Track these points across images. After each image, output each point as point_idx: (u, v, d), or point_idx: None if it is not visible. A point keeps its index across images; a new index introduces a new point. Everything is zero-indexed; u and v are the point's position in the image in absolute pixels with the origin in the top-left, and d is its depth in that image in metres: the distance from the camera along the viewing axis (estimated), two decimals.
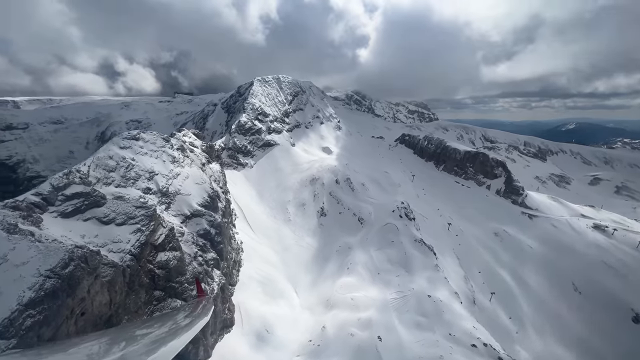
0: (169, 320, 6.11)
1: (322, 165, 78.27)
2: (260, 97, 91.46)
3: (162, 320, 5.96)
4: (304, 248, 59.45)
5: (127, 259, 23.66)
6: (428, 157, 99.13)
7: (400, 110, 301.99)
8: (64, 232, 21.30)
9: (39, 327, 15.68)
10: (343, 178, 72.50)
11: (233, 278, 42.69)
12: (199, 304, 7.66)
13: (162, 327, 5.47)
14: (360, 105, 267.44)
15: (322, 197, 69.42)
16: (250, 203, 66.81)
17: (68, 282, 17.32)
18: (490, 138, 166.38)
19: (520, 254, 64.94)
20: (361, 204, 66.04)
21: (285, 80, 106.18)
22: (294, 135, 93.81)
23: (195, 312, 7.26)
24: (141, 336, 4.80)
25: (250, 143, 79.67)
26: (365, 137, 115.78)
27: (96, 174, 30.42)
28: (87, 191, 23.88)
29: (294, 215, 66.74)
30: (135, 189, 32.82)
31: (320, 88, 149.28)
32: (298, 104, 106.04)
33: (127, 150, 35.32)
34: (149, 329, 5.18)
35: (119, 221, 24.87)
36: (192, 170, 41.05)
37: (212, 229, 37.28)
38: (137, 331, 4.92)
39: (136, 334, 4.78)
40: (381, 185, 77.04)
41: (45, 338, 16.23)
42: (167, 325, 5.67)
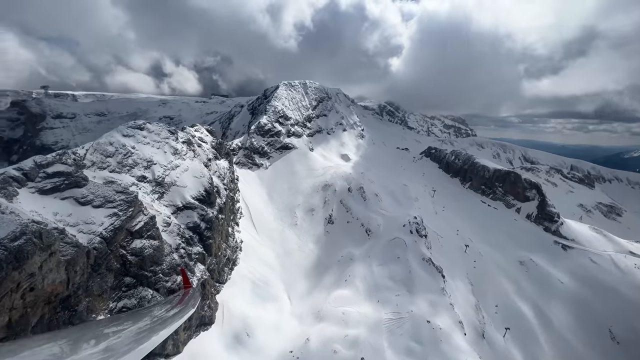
0: (143, 317, 5.64)
1: (336, 171, 76.48)
2: (284, 100, 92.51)
3: (133, 318, 5.42)
4: (306, 254, 57.71)
5: (95, 241, 23.76)
6: (454, 173, 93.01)
7: (436, 124, 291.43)
8: (36, 208, 21.86)
9: None
10: (356, 186, 70.04)
11: (223, 276, 42.14)
12: (185, 295, 7.47)
13: (136, 324, 5.00)
14: (393, 117, 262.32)
15: (332, 204, 67.44)
16: (259, 203, 66.76)
17: (15, 255, 17.39)
18: (531, 159, 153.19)
19: (548, 288, 57.46)
20: (371, 214, 63.02)
21: (311, 86, 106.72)
22: (313, 140, 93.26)
23: (181, 303, 7.03)
24: (113, 333, 4.43)
25: (267, 144, 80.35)
26: (390, 147, 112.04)
27: (93, 157, 31.60)
28: (68, 171, 24.58)
29: (301, 220, 65.43)
30: (130, 176, 33.65)
31: (352, 97, 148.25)
32: (322, 109, 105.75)
33: (130, 139, 36.58)
34: (119, 326, 4.76)
35: (97, 203, 25.21)
36: (193, 163, 41.59)
37: (202, 222, 37.15)
38: (105, 329, 4.51)
39: (105, 332, 4.39)
40: (396, 198, 73.24)
41: None
42: (141, 321, 5.21)
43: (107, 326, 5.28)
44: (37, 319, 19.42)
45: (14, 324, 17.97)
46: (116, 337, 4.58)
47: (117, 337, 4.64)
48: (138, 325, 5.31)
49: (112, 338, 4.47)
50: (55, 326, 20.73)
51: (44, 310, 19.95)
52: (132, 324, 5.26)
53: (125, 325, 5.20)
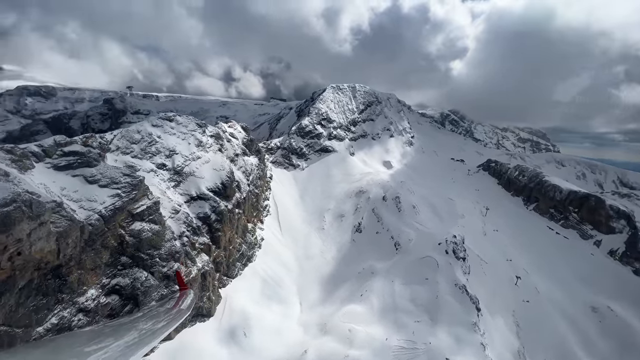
0: (127, 332, 5.15)
1: (373, 178, 72.17)
2: (329, 103, 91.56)
3: (116, 335, 4.96)
4: (327, 261, 55.03)
5: (93, 218, 25.08)
6: (516, 191, 79.93)
7: (508, 136, 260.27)
8: (46, 181, 23.99)
9: None
10: (392, 195, 64.84)
11: (234, 270, 42.16)
12: (179, 299, 7.30)
13: (118, 340, 4.66)
14: (457, 126, 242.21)
15: (364, 212, 63.51)
16: (289, 204, 66.40)
17: (2, 220, 18.93)
18: (631, 183, 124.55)
19: (630, 349, 44.53)
20: (403, 227, 57.36)
21: (361, 90, 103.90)
22: (356, 145, 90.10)
23: (175, 306, 6.78)
24: (95, 351, 4.14)
25: (307, 146, 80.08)
26: (442, 157, 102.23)
27: (119, 143, 34.31)
28: (82, 151, 26.74)
29: (328, 225, 63.02)
30: (150, 162, 35.73)
31: (412, 104, 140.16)
32: (370, 114, 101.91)
33: (157, 129, 39.12)
34: (100, 344, 4.42)
35: (103, 183, 26.84)
36: (215, 156, 42.76)
37: (213, 214, 37.59)
38: (85, 348, 4.20)
39: (85, 350, 4.12)
40: (437, 212, 65.67)
41: None
42: (125, 337, 4.82)
43: (87, 344, 4.65)
44: (25, 282, 20.98)
45: (0, 284, 19.58)
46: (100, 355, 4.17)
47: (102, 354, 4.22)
48: (125, 339, 4.88)
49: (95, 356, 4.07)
50: (44, 291, 22.27)
51: (32, 275, 21.51)
52: (114, 340, 4.78)
53: (108, 341, 4.70)
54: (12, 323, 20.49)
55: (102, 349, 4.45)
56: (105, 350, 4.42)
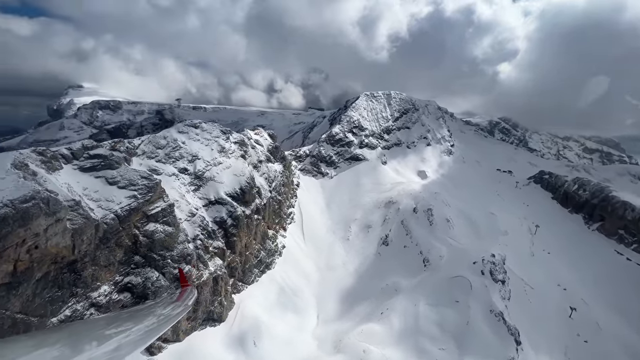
0: (145, 318, 5.62)
1: (405, 188, 68.24)
2: (362, 110, 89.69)
3: (135, 320, 5.42)
4: (349, 273, 52.58)
5: (108, 217, 26.48)
6: (575, 208, 69.45)
7: (571, 146, 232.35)
8: (70, 181, 25.97)
9: None
10: (423, 207, 60.42)
11: (250, 276, 42.03)
12: (182, 294, 7.68)
13: (137, 326, 5.10)
14: (508, 135, 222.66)
15: (392, 223, 59.99)
16: (315, 212, 65.37)
17: (21, 215, 20.59)
18: None
19: None
20: (434, 242, 52.76)
21: (396, 97, 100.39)
22: (389, 153, 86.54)
23: (178, 300, 7.24)
24: (115, 334, 4.55)
25: (336, 154, 78.86)
26: (486, 168, 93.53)
27: (145, 148, 36.45)
28: (106, 154, 28.67)
29: (354, 235, 60.59)
30: (173, 167, 37.37)
31: (458, 112, 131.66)
32: (405, 121, 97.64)
33: (183, 135, 41.04)
34: (120, 327, 4.86)
35: (122, 185, 28.39)
36: (237, 162, 43.56)
37: (229, 219, 37.98)
38: (106, 331, 4.60)
39: (106, 333, 4.50)
40: (476, 228, 59.52)
41: None
42: (143, 324, 5.27)
43: (106, 328, 4.94)
44: (41, 274, 22.55)
45: (18, 274, 21.22)
46: (120, 338, 4.50)
47: (122, 337, 4.56)
48: (145, 323, 5.28)
49: (116, 339, 4.39)
50: (60, 284, 23.78)
51: (49, 268, 23.08)
52: (133, 324, 5.13)
53: (127, 325, 5.08)
54: (29, 312, 22.02)
55: (122, 332, 4.62)
56: (127, 333, 4.61)
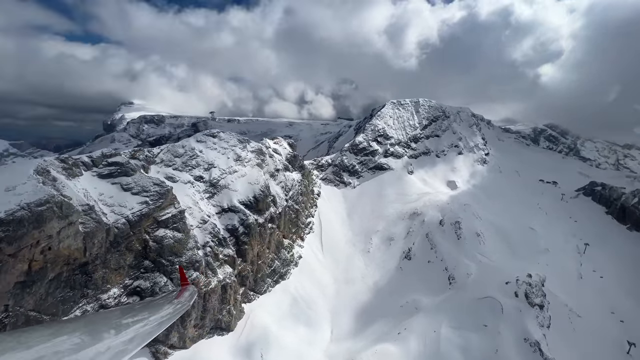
0: (162, 307, 6.07)
1: (431, 199, 64.32)
2: (387, 119, 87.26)
3: (149, 310, 5.84)
4: (368, 287, 49.99)
5: (120, 222, 27.56)
6: (635, 224, 60.25)
7: (633, 155, 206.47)
8: (88, 187, 27.55)
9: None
10: (451, 220, 56.23)
11: (262, 286, 41.53)
12: (181, 292, 7.86)
13: (151, 316, 5.47)
14: (556, 144, 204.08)
15: (416, 236, 56.51)
16: (335, 222, 63.82)
17: (36, 218, 21.99)
18: None
19: None
20: (462, 258, 48.49)
21: (425, 104, 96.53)
22: (416, 163, 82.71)
23: (176, 299, 7.35)
24: (132, 323, 4.89)
25: (360, 163, 77.05)
26: (527, 178, 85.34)
27: (164, 156, 38.04)
28: (123, 162, 30.17)
29: (375, 248, 57.93)
30: (189, 175, 38.50)
31: (496, 119, 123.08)
32: (435, 129, 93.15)
33: (201, 144, 42.36)
34: (135, 317, 5.19)
35: (135, 191, 29.58)
36: (252, 170, 43.92)
37: (241, 227, 38.03)
38: (123, 320, 4.95)
39: (123, 322, 4.82)
40: (511, 244, 53.89)
41: (7, 253, 21.05)
42: (157, 314, 5.69)
43: (122, 317, 5.15)
44: (54, 274, 23.81)
45: (33, 273, 22.55)
46: (136, 328, 4.77)
47: (137, 326, 4.83)
48: (161, 314, 5.66)
49: (133, 328, 4.65)
50: (71, 285, 24.93)
51: (62, 268, 24.32)
52: (149, 314, 5.46)
53: (143, 315, 5.36)
54: (42, 310, 23.22)
55: (140, 321, 4.78)
56: (144, 322, 4.79)
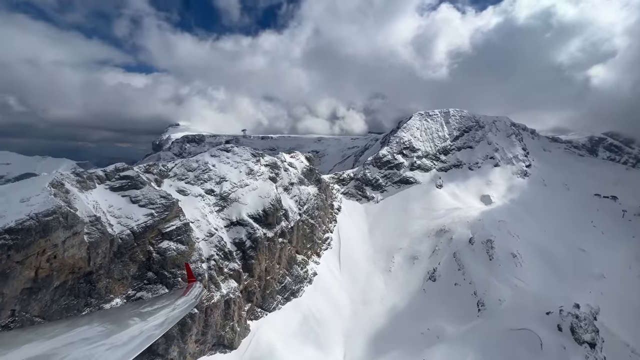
0: (173, 300, 6.65)
1: (460, 215, 59.12)
2: (414, 130, 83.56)
3: (169, 298, 6.59)
4: (386, 310, 46.27)
5: (124, 233, 28.51)
6: None
7: None
8: (98, 199, 29.10)
9: (8, 249, 22.05)
10: (482, 238, 50.83)
11: (271, 303, 40.34)
12: (188, 289, 8.26)
13: (174, 303, 6.06)
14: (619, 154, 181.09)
15: (442, 255, 51.81)
16: (355, 238, 61.14)
17: (43, 227, 23.38)
18: None
19: None
20: (495, 281, 43.03)
21: (456, 115, 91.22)
22: (446, 176, 77.42)
23: (184, 295, 7.63)
24: (155, 311, 5.45)
25: (383, 177, 74.06)
26: (577, 192, 75.10)
27: (177, 170, 39.47)
28: (133, 175, 31.61)
29: (397, 266, 54.10)
30: (200, 188, 39.40)
31: (546, 129, 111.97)
32: (467, 140, 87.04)
33: (214, 158, 43.44)
34: (153, 306, 5.80)
35: (142, 203, 30.67)
36: (264, 184, 43.88)
37: (248, 240, 37.64)
38: (142, 309, 5.60)
39: (143, 311, 5.45)
40: (555, 267, 46.85)
41: (15, 260, 22.49)
42: (179, 301, 6.31)
43: (141, 307, 5.69)
44: (60, 282, 24.92)
45: (39, 280, 23.79)
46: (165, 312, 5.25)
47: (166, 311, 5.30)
48: (180, 301, 6.15)
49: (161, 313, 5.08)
50: (76, 293, 25.92)
51: (67, 277, 25.43)
52: (169, 302, 5.98)
53: (162, 302, 5.96)
54: (46, 316, 24.25)
55: (160, 309, 4.90)
56: (170, 307, 5.03)
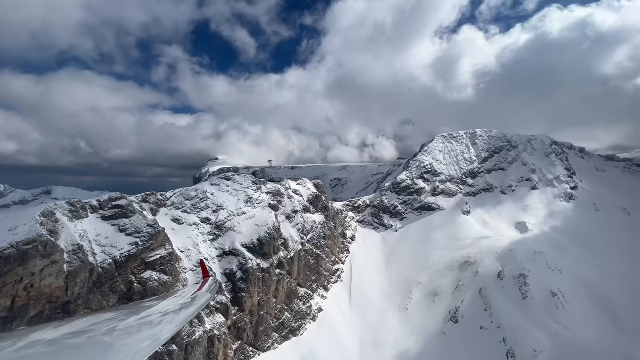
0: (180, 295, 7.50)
1: (489, 245, 52.15)
2: (436, 153, 78.50)
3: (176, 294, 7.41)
4: (399, 354, 40.46)
5: (107, 262, 28.58)
6: None
7: None
8: (88, 228, 29.88)
9: None
10: (513, 272, 43.72)
11: (265, 342, 37.36)
12: (203, 284, 8.66)
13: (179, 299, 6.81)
14: None
15: (467, 292, 45.24)
16: (370, 271, 56.34)
17: (22, 256, 24.05)
18: None
19: None
20: (529, 327, 35.75)
21: (484, 135, 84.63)
22: (474, 201, 70.25)
23: (199, 290, 8.06)
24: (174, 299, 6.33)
25: (403, 203, 69.29)
26: None
27: (175, 199, 40.04)
28: (124, 204, 32.33)
29: (415, 304, 48.16)
30: (196, 217, 39.33)
31: (601, 148, 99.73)
32: (498, 162, 79.36)
33: (214, 187, 43.67)
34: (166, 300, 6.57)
35: (129, 232, 30.94)
36: (262, 212, 42.77)
37: (239, 272, 36.05)
38: (160, 302, 6.31)
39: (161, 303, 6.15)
40: (611, 312, 37.89)
41: None
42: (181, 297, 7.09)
43: (160, 299, 6.21)
44: (36, 312, 25.00)
45: (15, 309, 24.07)
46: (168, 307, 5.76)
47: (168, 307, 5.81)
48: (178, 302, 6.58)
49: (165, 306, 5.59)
50: None
51: (44, 306, 25.49)
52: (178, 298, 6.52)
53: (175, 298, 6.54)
54: None
55: (180, 297, 5.53)
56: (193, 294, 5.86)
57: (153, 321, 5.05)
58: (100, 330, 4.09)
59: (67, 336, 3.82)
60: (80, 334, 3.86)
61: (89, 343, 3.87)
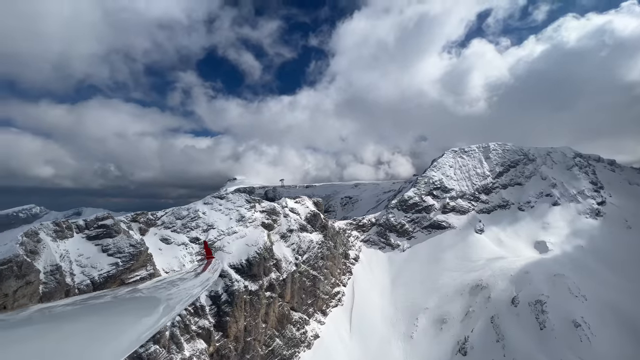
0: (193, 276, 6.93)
1: (503, 266, 47.75)
2: (446, 169, 75.07)
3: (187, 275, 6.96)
4: None
5: (84, 283, 28.24)
6: None
7: None
8: (70, 248, 29.96)
9: None
10: (529, 298, 39.29)
11: None
12: (207, 265, 8.60)
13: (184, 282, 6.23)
14: None
15: (477, 319, 41.02)
16: (373, 294, 52.96)
17: None
18: None
19: None
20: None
21: (498, 149, 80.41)
22: (488, 218, 65.60)
23: (204, 271, 7.89)
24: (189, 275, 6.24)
25: (410, 222, 65.96)
26: None
27: (166, 219, 39.92)
28: (109, 224, 32.36)
29: (421, 332, 44.22)
30: (185, 236, 38.84)
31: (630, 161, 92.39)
32: (514, 176, 74.52)
33: (207, 206, 43.34)
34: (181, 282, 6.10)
35: (111, 252, 30.74)
36: (254, 231, 41.69)
37: (224, 294, 34.65)
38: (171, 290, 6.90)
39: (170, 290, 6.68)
40: None
41: None
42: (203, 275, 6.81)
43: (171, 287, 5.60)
44: None
45: None
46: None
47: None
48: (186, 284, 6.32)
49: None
50: None
51: None
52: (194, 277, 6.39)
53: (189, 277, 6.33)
54: None
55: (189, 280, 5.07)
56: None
57: (174, 281, 4.73)
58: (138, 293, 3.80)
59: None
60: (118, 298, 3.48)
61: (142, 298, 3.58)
